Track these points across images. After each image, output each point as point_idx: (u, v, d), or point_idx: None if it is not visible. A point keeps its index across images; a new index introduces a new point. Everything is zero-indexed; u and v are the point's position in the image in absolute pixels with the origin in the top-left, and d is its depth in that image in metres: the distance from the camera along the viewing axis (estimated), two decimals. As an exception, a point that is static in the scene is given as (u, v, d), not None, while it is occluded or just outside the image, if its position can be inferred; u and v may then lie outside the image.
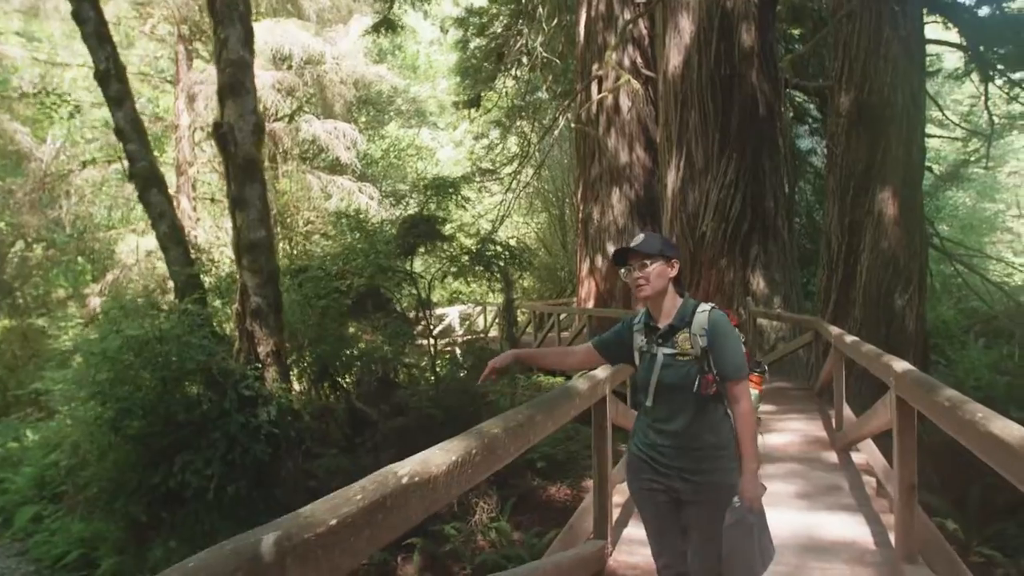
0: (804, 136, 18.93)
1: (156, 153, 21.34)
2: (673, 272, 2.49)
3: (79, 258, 21.54)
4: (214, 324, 8.34)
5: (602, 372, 3.49)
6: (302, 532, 1.12)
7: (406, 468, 1.47)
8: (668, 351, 2.44)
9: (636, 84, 12.84)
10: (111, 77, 8.23)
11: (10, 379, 18.95)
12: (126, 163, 8.74)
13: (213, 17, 7.60)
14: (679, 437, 2.42)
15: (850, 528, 4.04)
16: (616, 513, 4.19)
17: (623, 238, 16.56)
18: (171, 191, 18.51)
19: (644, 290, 2.47)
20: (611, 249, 16.68)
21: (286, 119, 18.74)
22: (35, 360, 18.27)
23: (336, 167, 19.49)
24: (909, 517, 3.17)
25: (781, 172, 12.34)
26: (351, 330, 10.08)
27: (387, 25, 11.81)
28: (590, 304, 16.60)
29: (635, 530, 4.05)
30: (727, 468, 2.41)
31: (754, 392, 2.65)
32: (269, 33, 15.90)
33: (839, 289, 9.29)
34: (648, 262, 2.45)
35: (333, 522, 1.18)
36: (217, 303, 10.02)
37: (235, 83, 7.51)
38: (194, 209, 17.98)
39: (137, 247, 18.85)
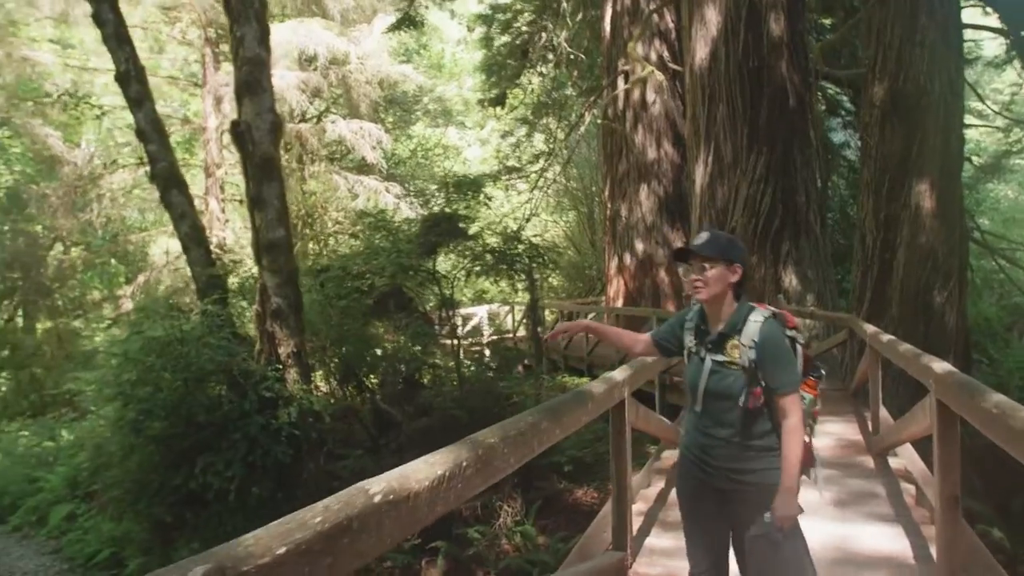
0: (837, 129, 18.46)
1: (186, 156, 21.87)
2: (734, 277, 2.37)
3: (112, 260, 21.89)
4: (236, 325, 8.31)
5: (620, 374, 3.31)
6: (240, 564, 0.97)
7: (380, 485, 1.32)
8: (716, 358, 2.37)
9: (660, 76, 12.58)
10: (131, 78, 8.25)
11: (47, 379, 19.30)
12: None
13: (229, 15, 7.57)
14: (727, 442, 2.36)
15: (888, 540, 3.79)
16: (638, 523, 4.01)
17: (651, 235, 16.32)
18: (200, 193, 18.92)
19: (700, 293, 2.37)
20: (639, 246, 16.48)
21: (313, 120, 18.79)
22: (69, 361, 18.54)
23: (363, 167, 19.48)
24: (952, 530, 2.94)
25: (813, 166, 11.99)
26: (375, 330, 9.99)
27: (409, 22, 11.71)
28: (618, 303, 16.37)
29: (657, 540, 3.86)
30: (775, 468, 2.31)
31: (808, 396, 2.47)
32: (293, 33, 15.93)
33: (874, 286, 8.96)
34: (708, 265, 2.34)
35: (281, 551, 1.02)
36: (244, 303, 10.03)
37: (252, 81, 7.47)
38: (222, 211, 18.11)
39: (167, 249, 19.06)
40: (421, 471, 1.44)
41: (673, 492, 4.60)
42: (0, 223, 21.24)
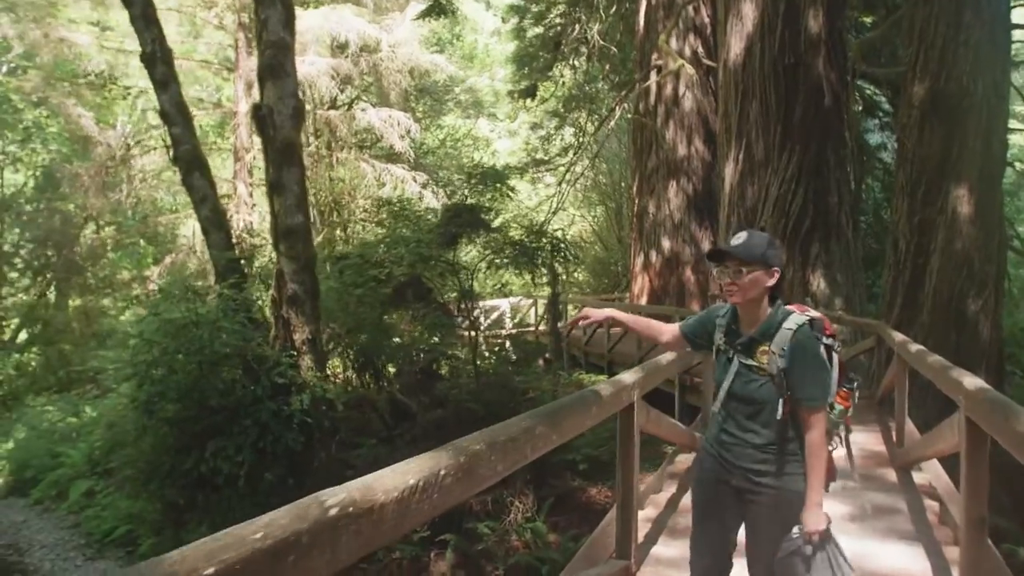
0: (874, 130, 18.01)
1: (217, 140, 22.04)
2: (771, 281, 2.29)
3: (141, 241, 22.16)
4: (254, 310, 8.28)
5: (630, 375, 3.17)
6: (158, 588, 0.86)
7: (339, 496, 1.20)
8: (745, 361, 2.31)
9: (691, 70, 12.32)
10: (157, 60, 8.24)
11: (74, 356, 19.63)
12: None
13: (256, -1, 7.50)
14: (748, 445, 2.32)
15: (908, 559, 3.61)
16: (645, 529, 3.87)
17: (679, 233, 16.09)
18: (229, 177, 19.04)
19: (734, 296, 2.30)
20: (666, 244, 16.26)
21: (343, 107, 18.78)
22: (96, 338, 18.80)
23: (391, 156, 19.45)
24: (977, 554, 2.77)
25: (847, 167, 11.67)
26: (393, 320, 9.93)
27: (439, 9, 11.58)
28: (643, 300, 16.18)
29: (664, 549, 3.71)
30: (796, 474, 2.27)
31: (839, 407, 2.39)
32: (324, 19, 15.90)
33: (906, 292, 8.69)
34: (744, 269, 2.26)
35: (209, 571, 0.91)
36: (263, 289, 10.02)
37: (275, 65, 7.40)
38: (250, 195, 18.17)
39: (195, 231, 19.22)
40: (389, 480, 1.32)
41: (685, 499, 4.45)
42: (36, 201, 21.71)
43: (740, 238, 2.29)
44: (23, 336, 22.17)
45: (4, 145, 21.59)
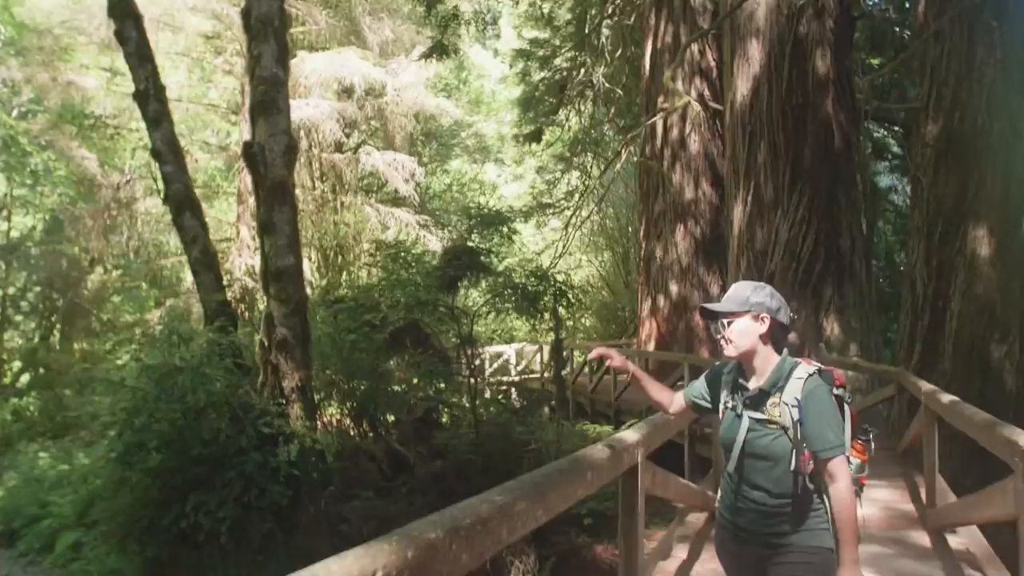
0: (884, 173, 17.81)
1: (223, 183, 22.03)
2: (762, 328, 2.23)
3: (143, 284, 22.00)
4: (244, 355, 7.94)
5: (632, 434, 2.81)
6: None
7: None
8: (755, 415, 2.21)
9: (697, 106, 12.15)
10: (150, 97, 8.08)
11: (72, 401, 19.29)
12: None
13: (247, 33, 7.36)
14: (764, 506, 2.19)
15: (950, 640, 3.20)
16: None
17: (687, 277, 15.78)
18: (232, 220, 18.93)
19: (727, 349, 2.26)
20: (674, 289, 15.93)
21: (349, 151, 18.72)
22: (92, 383, 18.48)
23: (396, 199, 19.32)
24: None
25: (858, 209, 11.39)
26: (389, 367, 9.57)
27: (440, 50, 11.51)
28: (650, 346, 15.79)
29: (674, 628, 3.31)
30: (820, 529, 2.15)
31: (856, 461, 2.27)
32: (329, 63, 15.88)
33: (925, 337, 8.32)
34: (728, 321, 2.25)
35: None
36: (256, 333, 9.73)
37: (267, 101, 7.20)
38: (253, 238, 17.98)
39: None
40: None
41: (696, 568, 4.05)
42: (43, 244, 21.68)
43: (729, 293, 2.31)
44: (24, 380, 21.90)
45: (13, 188, 21.64)
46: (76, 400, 18.49)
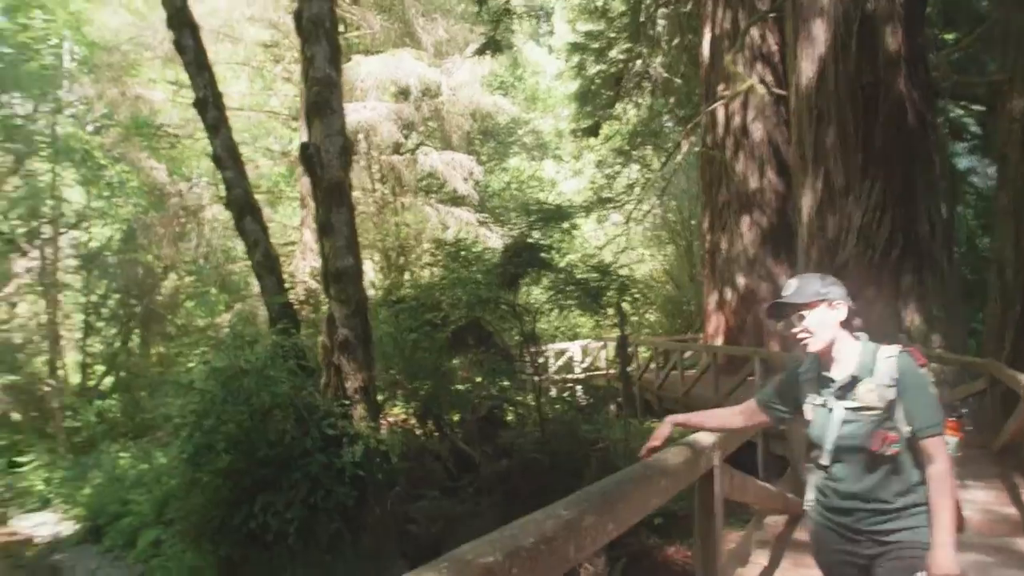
0: (963, 154, 16.91)
1: (286, 188, 22.53)
2: (840, 314, 2.20)
3: (213, 289, 22.67)
4: (308, 357, 8.01)
5: (707, 437, 2.64)
6: None
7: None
8: (850, 405, 2.14)
9: (761, 89, 11.73)
10: (209, 104, 8.24)
11: (149, 403, 20.03)
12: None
13: (300, 35, 7.42)
14: (867, 499, 2.13)
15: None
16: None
17: (754, 269, 15.34)
18: (296, 224, 19.29)
19: (810, 343, 2.21)
20: (741, 281, 15.49)
21: (407, 152, 18.85)
22: (167, 386, 19.14)
23: (456, 199, 19.36)
24: None
25: (937, 192, 10.79)
26: (452, 365, 9.54)
27: (494, 46, 11.43)
28: (718, 340, 15.40)
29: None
30: (925, 526, 2.06)
31: (952, 439, 2.22)
32: (383, 65, 15.98)
33: (1018, 326, 7.80)
34: (805, 313, 2.21)
35: None
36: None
37: (321, 102, 7.25)
38: (316, 241, 18.28)
39: (265, 279, 19.47)
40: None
41: (776, 574, 3.83)
42: (121, 253, 22.62)
43: (791, 286, 2.27)
44: (107, 383, 22.85)
45: (91, 200, 22.58)
46: (152, 402, 19.21)
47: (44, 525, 14.02)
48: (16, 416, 20.56)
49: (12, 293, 20.46)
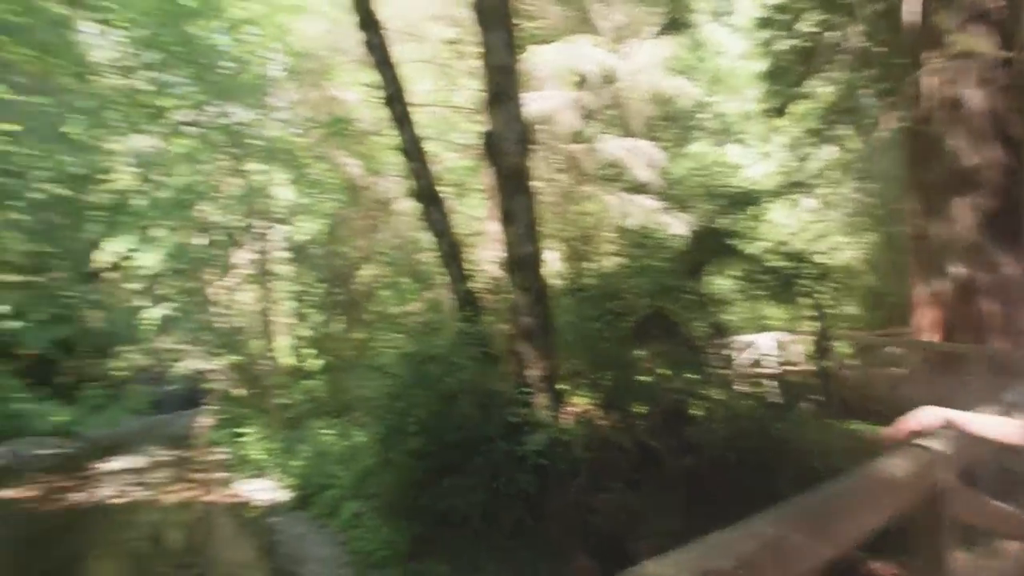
0: None
1: (470, 180, 23.34)
2: None
3: (406, 278, 24.00)
4: (491, 345, 8.19)
5: (939, 444, 2.30)
6: None
7: None
8: None
9: (981, 50, 10.39)
10: (395, 100, 8.64)
11: (350, 384, 21.61)
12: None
13: (480, 22, 7.57)
14: None
15: None
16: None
17: (973, 256, 13.72)
18: (480, 215, 19.89)
19: None
20: (956, 271, 13.93)
21: (587, 140, 18.80)
22: (365, 369, 20.53)
23: (637, 186, 19.04)
24: None
25: None
26: (636, 356, 9.36)
27: (674, 27, 11.07)
28: (929, 336, 13.96)
29: None
30: None
31: None
32: (561, 54, 16.02)
33: None
34: None
35: None
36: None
37: (499, 90, 7.38)
38: (499, 231, 18.74)
39: (451, 269, 20.33)
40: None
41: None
42: (324, 245, 24.65)
43: None
44: (314, 365, 24.96)
45: (298, 197, 24.73)
46: (350, 384, 20.71)
47: (261, 491, 15.52)
48: (241, 392, 23.06)
49: (233, 283, 22.86)
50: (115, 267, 21.98)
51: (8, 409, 20.77)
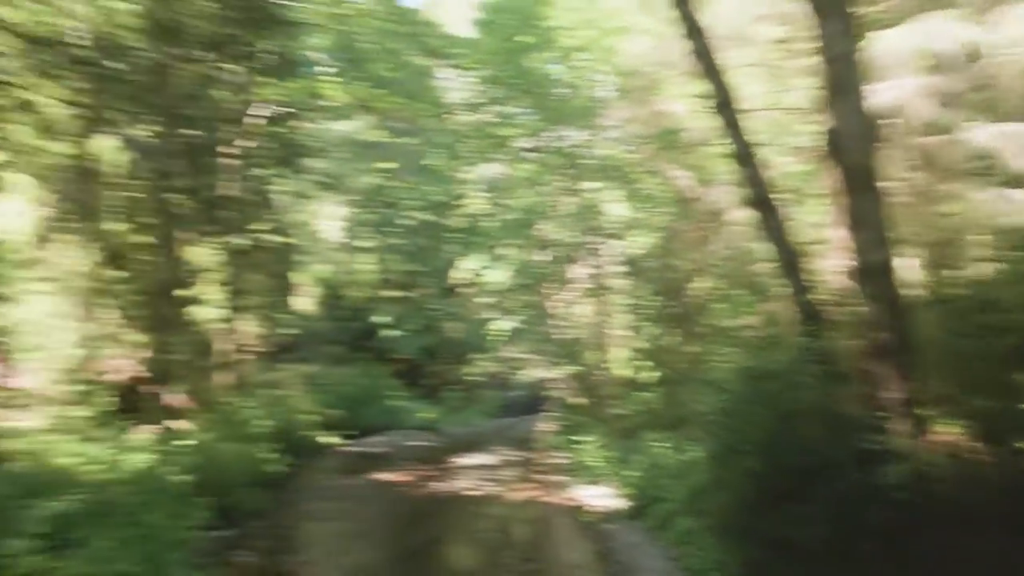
0: None
1: (807, 184, 21.68)
2: None
3: (737, 290, 23.10)
4: (838, 362, 7.45)
5: None
6: None
7: None
8: None
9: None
10: (724, 107, 8.38)
11: (685, 398, 21.37)
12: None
13: (817, 12, 7.03)
14: None
15: None
16: None
17: None
18: (821, 221, 18.32)
19: None
20: None
21: (944, 130, 16.29)
22: (702, 384, 20.07)
23: (1010, 179, 15.96)
24: None
25: None
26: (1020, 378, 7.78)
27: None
28: None
29: None
30: None
31: None
32: (908, 37, 14.03)
33: None
34: None
35: None
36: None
37: (838, 82, 6.80)
38: (843, 238, 17.11)
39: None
40: None
41: None
42: (657, 258, 24.89)
43: None
44: (650, 377, 25.26)
45: (632, 212, 25.33)
46: (685, 397, 20.43)
47: (596, 497, 16.04)
48: (579, 400, 24.25)
49: (571, 297, 24.19)
50: (469, 283, 24.67)
51: (389, 405, 24.68)
